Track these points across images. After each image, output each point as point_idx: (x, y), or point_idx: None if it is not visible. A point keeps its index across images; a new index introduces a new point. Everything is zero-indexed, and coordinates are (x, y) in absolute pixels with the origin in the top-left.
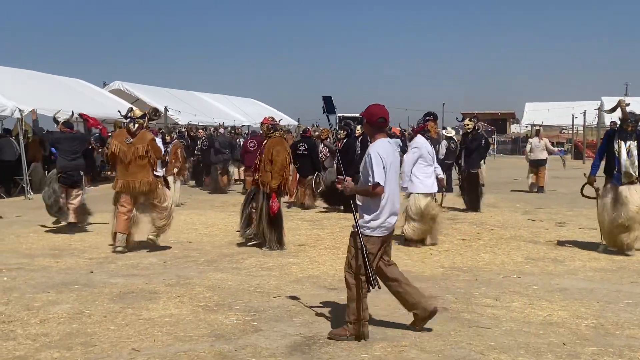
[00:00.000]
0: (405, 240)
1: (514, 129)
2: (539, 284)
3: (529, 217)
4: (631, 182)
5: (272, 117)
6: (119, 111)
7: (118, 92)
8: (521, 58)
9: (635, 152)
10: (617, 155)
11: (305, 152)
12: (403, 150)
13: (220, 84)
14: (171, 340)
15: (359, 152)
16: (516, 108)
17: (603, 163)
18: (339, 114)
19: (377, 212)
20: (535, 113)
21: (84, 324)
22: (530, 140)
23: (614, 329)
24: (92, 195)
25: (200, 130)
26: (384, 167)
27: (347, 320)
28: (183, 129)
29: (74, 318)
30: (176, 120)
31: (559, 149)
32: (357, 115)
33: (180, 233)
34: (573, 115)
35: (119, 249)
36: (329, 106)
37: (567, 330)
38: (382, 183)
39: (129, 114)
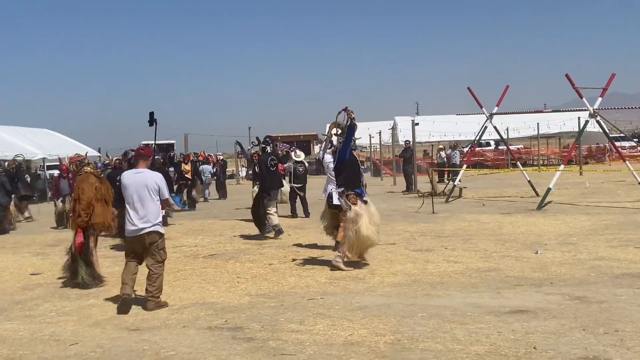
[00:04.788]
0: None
1: (317, 149)
2: (341, 304)
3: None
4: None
5: (78, 154)
6: None
7: None
8: (320, 85)
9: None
10: (361, 167)
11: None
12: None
13: (12, 116)
14: None
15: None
16: (319, 130)
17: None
18: (142, 142)
19: None
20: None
21: None
22: None
23: (409, 343)
24: None
25: None
26: None
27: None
28: None
29: None
30: None
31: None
32: (170, 142)
33: None
34: (370, 135)
35: None
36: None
37: (366, 348)
38: None
39: None
